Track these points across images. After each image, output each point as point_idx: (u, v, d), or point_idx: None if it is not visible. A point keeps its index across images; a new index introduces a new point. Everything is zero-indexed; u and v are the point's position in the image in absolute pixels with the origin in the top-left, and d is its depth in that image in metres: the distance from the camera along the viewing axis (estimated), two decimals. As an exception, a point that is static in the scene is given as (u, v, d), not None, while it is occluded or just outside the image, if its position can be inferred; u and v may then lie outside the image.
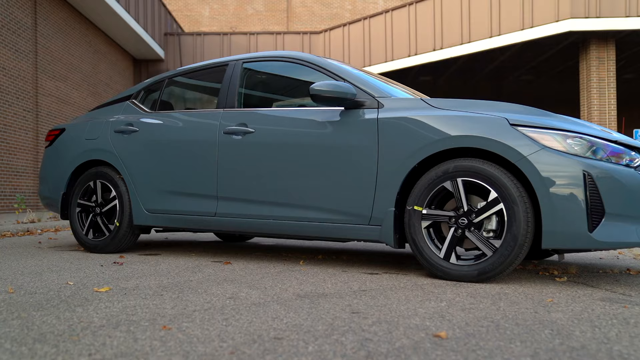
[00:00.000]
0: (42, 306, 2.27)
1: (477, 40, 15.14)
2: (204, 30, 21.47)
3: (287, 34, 18.31)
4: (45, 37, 12.04)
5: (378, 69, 16.98)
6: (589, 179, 2.87)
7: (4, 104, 10.55)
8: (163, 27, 17.83)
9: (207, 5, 23.53)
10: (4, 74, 10.56)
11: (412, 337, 1.83)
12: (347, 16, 23.30)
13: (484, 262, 3.02)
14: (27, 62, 11.36)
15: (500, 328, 1.97)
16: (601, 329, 1.98)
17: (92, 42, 14.50)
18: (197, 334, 1.84)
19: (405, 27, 16.47)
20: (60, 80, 12.74)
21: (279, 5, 23.68)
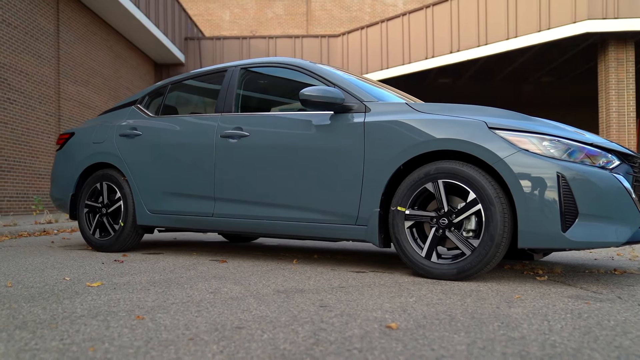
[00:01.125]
0: (33, 298, 2.46)
1: (494, 42, 15.13)
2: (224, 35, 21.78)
3: (306, 38, 18.49)
4: (67, 43, 12.40)
5: (395, 71, 17.07)
6: (563, 180, 2.95)
7: (27, 108, 10.90)
8: (183, 31, 18.15)
9: (227, 9, 23.87)
10: (27, 80, 10.92)
11: (364, 328, 1.95)
12: (366, 19, 23.41)
13: (462, 261, 3.13)
14: (49, 68, 11.71)
15: (454, 321, 2.09)
16: (550, 322, 2.08)
17: (113, 47, 14.85)
18: (166, 323, 1.99)
19: (422, 29, 16.52)
20: (81, 84, 13.09)
21: (298, 9, 23.90)
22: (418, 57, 16.60)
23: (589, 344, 1.78)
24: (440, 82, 20.97)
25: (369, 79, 4.52)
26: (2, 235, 5.83)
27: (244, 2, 23.91)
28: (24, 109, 10.78)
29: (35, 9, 11.20)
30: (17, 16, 10.56)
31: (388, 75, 17.25)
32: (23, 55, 10.77)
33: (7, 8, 10.27)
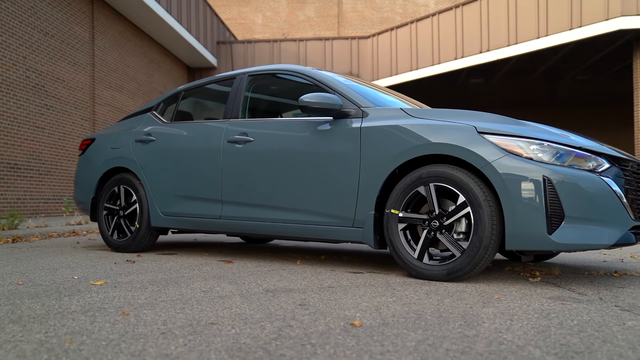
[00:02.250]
0: (37, 295, 2.66)
1: (524, 41, 14.97)
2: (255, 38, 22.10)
3: (336, 40, 18.62)
4: (102, 49, 12.83)
5: (425, 72, 17.06)
6: (549, 183, 3.01)
7: (64, 113, 11.34)
8: (215, 35, 18.51)
9: (260, 13, 24.20)
10: (63, 86, 11.36)
11: (329, 325, 2.08)
12: (397, 20, 23.40)
13: (452, 263, 3.21)
14: (84, 74, 12.15)
15: (420, 319, 2.19)
16: (513, 321, 2.17)
17: (147, 53, 15.27)
18: (147, 319, 2.15)
19: (452, 29, 16.46)
20: (116, 90, 13.52)
21: (329, 11, 24.05)
22: (447, 58, 16.55)
23: (537, 342, 1.86)
24: (471, 82, 20.83)
25: (376, 85, 4.63)
26: (33, 236, 6.14)
27: (275, 5, 24.21)
28: (60, 115, 11.22)
29: (72, 18, 11.64)
30: (53, 25, 11.00)
31: (418, 76, 17.25)
32: (59, 63, 11.21)
33: (44, 18, 10.71)
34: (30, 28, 10.29)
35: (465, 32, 16.14)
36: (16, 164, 9.91)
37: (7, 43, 9.69)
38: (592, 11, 13.73)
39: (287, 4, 24.19)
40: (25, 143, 10.17)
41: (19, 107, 10.00)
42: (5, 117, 9.64)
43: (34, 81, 10.42)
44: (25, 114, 10.17)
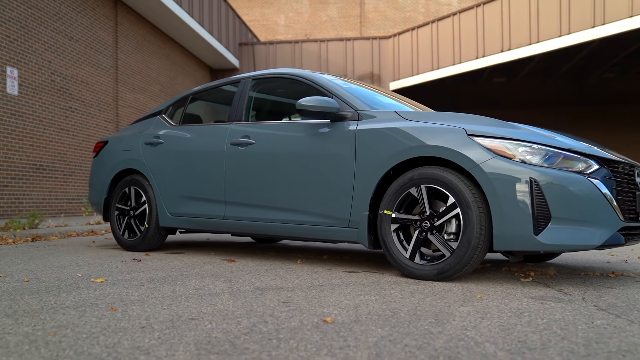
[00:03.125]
0: (37, 292, 2.81)
1: (545, 40, 14.84)
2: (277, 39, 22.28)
3: (357, 40, 18.68)
4: (125, 53, 13.13)
5: (446, 72, 17.00)
6: (535, 185, 3.06)
7: (87, 116, 11.65)
8: (238, 37, 18.73)
9: (282, 14, 24.38)
10: (87, 89, 11.66)
11: (302, 322, 2.17)
12: (420, 19, 23.35)
13: (442, 263, 3.28)
14: (108, 77, 12.45)
15: (393, 317, 2.27)
16: (483, 319, 2.23)
17: (169, 55, 15.55)
18: (132, 314, 2.28)
19: (472, 29, 16.38)
20: (139, 92, 13.81)
21: (352, 11, 24.11)
22: (469, 57, 16.48)
23: (496, 338, 1.93)
24: (494, 81, 20.68)
25: (376, 87, 4.71)
26: (52, 235, 6.36)
27: (298, 6, 24.36)
28: (84, 117, 11.52)
29: (95, 22, 11.94)
30: (78, 30, 11.30)
31: (439, 76, 17.21)
32: (84, 67, 11.52)
33: (69, 23, 11.02)
34: (55, 33, 10.60)
35: (487, 31, 16.06)
36: (42, 165, 10.22)
37: (33, 48, 10.00)
38: (616, 8, 13.54)
39: (310, 4, 24.33)
40: (51, 145, 10.48)
41: (45, 110, 10.31)
42: (31, 120, 9.95)
43: (59, 85, 10.73)
44: (51, 117, 10.48)
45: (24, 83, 9.80)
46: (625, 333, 2.05)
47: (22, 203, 9.74)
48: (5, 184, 9.37)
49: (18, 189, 9.65)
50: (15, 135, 9.57)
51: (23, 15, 9.75)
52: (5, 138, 9.35)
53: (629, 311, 2.47)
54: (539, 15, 14.91)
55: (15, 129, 9.56)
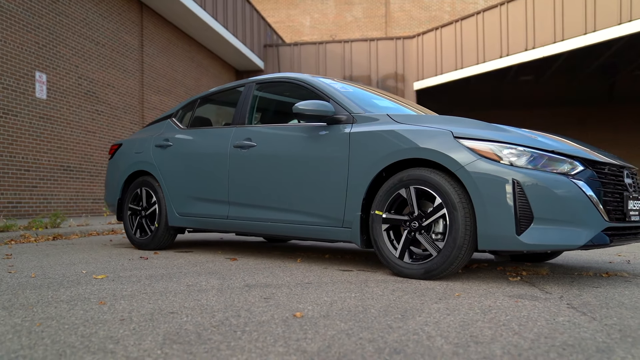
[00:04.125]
0: (39, 287, 3.01)
1: (570, 38, 14.67)
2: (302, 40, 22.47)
3: (381, 40, 18.73)
4: (150, 56, 13.45)
5: (470, 71, 16.94)
6: (518, 186, 3.14)
7: (113, 118, 11.99)
8: (262, 39, 18.97)
9: (308, 15, 24.56)
10: (113, 92, 12.01)
11: (273, 316, 2.30)
12: (446, 18, 23.25)
13: (429, 262, 3.37)
14: (134, 80, 12.78)
15: (363, 313, 2.39)
16: (449, 315, 2.33)
17: (194, 58, 15.85)
18: (117, 308, 2.44)
19: (497, 27, 16.29)
20: (164, 94, 14.13)
21: (377, 11, 24.14)
22: (493, 56, 16.39)
23: (449, 333, 2.03)
24: (521, 80, 20.49)
25: (376, 90, 4.81)
26: (73, 234, 6.63)
27: (323, 7, 24.51)
28: (110, 119, 11.87)
29: (121, 27, 12.28)
30: (104, 35, 11.65)
31: (462, 76, 17.16)
32: (110, 70, 11.86)
33: (96, 29, 11.37)
34: (82, 39, 10.95)
35: (511, 30, 15.95)
36: (69, 166, 10.57)
37: (61, 53, 10.36)
38: (642, 5, 13.32)
39: (335, 5, 24.45)
40: (78, 147, 10.83)
41: (72, 113, 10.67)
42: (59, 123, 10.31)
43: (86, 88, 11.08)
44: (78, 119, 10.83)
45: (52, 87, 10.15)
46: (579, 329, 2.12)
47: (50, 203, 10.09)
48: (35, 185, 9.73)
49: (47, 189, 10.01)
50: (43, 137, 9.93)
51: (51, 22, 10.11)
52: (34, 140, 9.71)
53: (598, 309, 2.54)
54: (564, 13, 14.75)
55: (43, 132, 9.92)
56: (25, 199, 9.51)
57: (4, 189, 9.04)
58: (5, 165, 9.07)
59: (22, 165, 9.42)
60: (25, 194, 9.49)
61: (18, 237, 5.87)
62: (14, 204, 9.23)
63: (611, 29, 13.92)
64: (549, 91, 21.82)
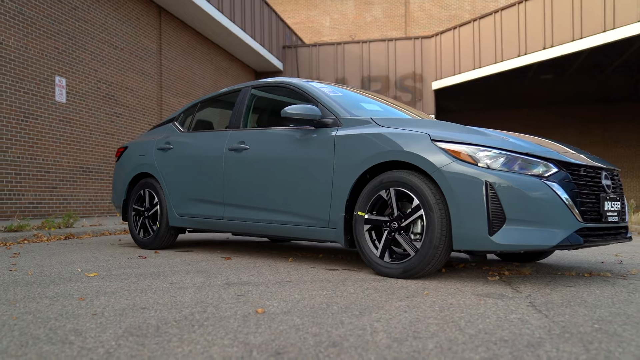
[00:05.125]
0: (31, 284, 3.19)
1: (589, 35, 14.52)
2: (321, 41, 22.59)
3: (399, 40, 18.75)
4: (169, 59, 13.73)
5: (487, 70, 16.87)
6: (491, 188, 3.22)
7: (132, 120, 12.28)
8: (281, 40, 19.15)
9: (327, 15, 24.69)
10: (132, 95, 12.30)
11: (237, 312, 2.44)
12: (466, 17, 23.14)
13: (407, 262, 3.48)
14: (152, 83, 13.07)
15: (323, 309, 2.51)
16: (406, 313, 2.44)
17: (213, 60, 16.11)
18: (95, 304, 2.60)
19: (514, 26, 16.20)
20: (182, 97, 14.40)
21: (396, 11, 24.15)
22: (511, 55, 16.30)
23: (395, 329, 2.14)
24: (542, 78, 20.31)
25: (369, 93, 4.92)
26: (86, 233, 6.87)
27: (343, 7, 24.61)
28: (128, 121, 12.16)
29: (140, 32, 12.57)
30: (123, 39, 11.95)
31: (480, 75, 17.09)
32: (128, 74, 12.16)
33: (114, 33, 11.67)
34: (101, 43, 11.25)
35: (529, 28, 15.85)
36: (88, 167, 10.88)
37: (80, 58, 10.66)
38: (661, 1, 13.13)
39: (354, 5, 24.54)
40: (97, 149, 11.13)
41: (91, 115, 10.97)
42: (79, 126, 10.62)
43: (105, 91, 11.38)
44: (97, 122, 11.13)
45: (72, 91, 10.46)
46: (524, 326, 2.21)
47: (70, 203, 10.41)
48: (54, 186, 10.05)
49: (66, 190, 10.32)
50: (63, 140, 10.24)
51: (71, 28, 10.42)
52: (54, 143, 10.02)
53: (556, 307, 2.62)
54: (582, 11, 14.61)
55: (63, 134, 10.23)
56: (46, 199, 9.83)
57: (25, 190, 9.36)
58: (26, 167, 9.39)
59: (42, 167, 9.74)
60: (45, 194, 9.81)
61: (31, 237, 6.12)
62: (34, 204, 9.55)
63: (630, 26, 13.74)
64: (571, 89, 21.57)
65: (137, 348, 1.86)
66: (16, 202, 9.17)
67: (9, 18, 9.06)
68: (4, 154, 8.93)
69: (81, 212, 10.63)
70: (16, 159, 9.18)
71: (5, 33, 8.96)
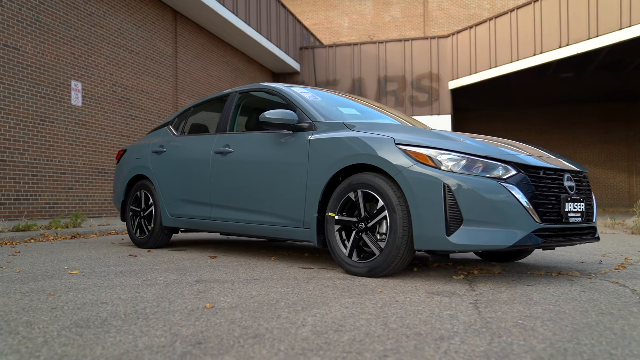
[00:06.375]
0: (13, 281, 3.42)
1: (605, 33, 14.38)
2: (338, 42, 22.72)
3: (415, 40, 18.79)
4: (184, 62, 14.03)
5: (503, 70, 16.81)
6: (448, 190, 3.34)
7: (147, 122, 12.60)
8: (298, 41, 19.34)
9: (346, 16, 24.81)
10: (147, 97, 12.62)
11: (186, 307, 2.61)
12: (485, 15, 23.03)
13: (372, 261, 3.62)
14: (168, 86, 13.38)
15: (269, 305, 2.66)
16: (347, 309, 2.58)
17: (230, 62, 16.38)
18: (61, 299, 2.80)
19: (530, 25, 16.11)
20: (198, 98, 14.68)
21: (415, 11, 24.15)
22: (526, 54, 16.22)
23: (322, 323, 2.28)
24: (561, 77, 20.10)
25: (354, 97, 5.06)
26: (93, 233, 7.15)
27: (361, 8, 24.71)
28: (144, 124, 12.48)
29: (155, 35, 12.89)
30: (138, 44, 12.27)
31: (496, 74, 17.04)
32: (144, 77, 12.48)
33: (130, 38, 12.00)
34: (117, 48, 11.59)
35: (544, 27, 15.75)
36: (103, 169, 11.21)
37: (95, 62, 11.01)
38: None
39: (373, 5, 24.61)
40: (112, 150, 11.47)
41: (106, 118, 11.31)
42: (94, 128, 10.96)
43: (120, 95, 11.71)
44: (112, 124, 11.47)
45: (87, 95, 10.81)
46: (450, 321, 2.34)
47: (86, 204, 10.75)
48: (70, 187, 10.40)
49: (82, 191, 10.67)
50: (79, 142, 10.59)
51: (87, 34, 10.76)
52: (70, 145, 10.37)
53: (496, 305, 2.73)
54: (598, 9, 14.47)
55: (79, 137, 10.58)
56: (62, 199, 10.18)
57: (42, 190, 9.72)
58: (43, 168, 9.75)
59: (58, 168, 10.10)
60: (61, 195, 10.16)
61: (38, 236, 6.40)
62: (50, 205, 9.91)
63: (647, 23, 13.58)
64: (593, 88, 21.31)
65: (73, 338, 2.04)
66: (33, 202, 9.53)
67: (26, 26, 9.42)
68: (21, 156, 9.29)
69: (97, 212, 10.97)
70: (33, 161, 9.54)
71: (22, 40, 9.32)
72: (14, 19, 9.19)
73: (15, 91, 9.20)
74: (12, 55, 9.15)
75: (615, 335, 2.14)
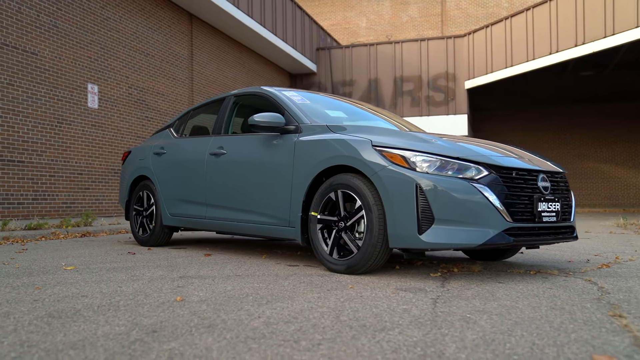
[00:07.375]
0: (8, 276, 3.63)
1: (621, 32, 14.25)
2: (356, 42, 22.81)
3: (432, 40, 18.80)
4: (200, 64, 14.30)
5: (519, 69, 16.75)
6: (420, 190, 3.46)
7: (163, 124, 12.87)
8: (315, 42, 19.50)
9: (364, 16, 24.90)
10: (163, 100, 12.90)
11: (160, 300, 2.78)
12: (503, 14, 22.90)
13: (351, 259, 3.76)
14: (183, 88, 13.65)
15: (238, 299, 2.82)
16: (309, 303, 2.72)
17: (245, 63, 16.61)
18: (46, 292, 3.00)
19: (546, 24, 16.02)
20: (214, 100, 14.93)
21: (433, 10, 24.12)
22: (542, 53, 16.13)
23: (279, 316, 2.43)
24: (581, 75, 19.91)
25: (347, 99, 5.19)
26: (102, 232, 7.40)
27: (379, 8, 24.77)
28: (160, 125, 12.76)
29: (171, 39, 13.17)
30: (154, 47, 12.56)
31: (512, 73, 16.97)
32: (159, 79, 12.76)
33: (145, 41, 12.29)
34: (132, 51, 11.88)
35: (560, 26, 15.65)
36: (119, 169, 11.51)
37: (112, 66, 11.31)
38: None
39: (391, 6, 24.66)
40: (128, 151, 11.76)
41: (122, 120, 11.61)
42: (110, 130, 11.27)
43: (136, 97, 12.00)
44: (128, 126, 11.77)
45: (104, 97, 11.11)
46: (402, 314, 2.46)
47: (102, 203, 11.06)
48: (87, 187, 10.71)
49: (98, 191, 10.98)
50: (95, 143, 10.90)
51: (103, 38, 11.07)
52: (87, 146, 10.69)
53: (456, 301, 2.84)
54: (614, 7, 14.35)
55: (95, 138, 10.89)
56: (79, 199, 10.50)
57: (59, 190, 10.04)
58: (60, 169, 10.07)
59: (75, 169, 10.41)
60: (78, 195, 10.47)
61: (49, 235, 6.67)
62: (67, 204, 10.22)
63: (664, 21, 13.43)
64: (614, 85, 21.05)
65: (41, 326, 2.22)
66: (50, 202, 9.85)
67: (44, 31, 9.74)
68: (39, 157, 9.62)
69: (113, 212, 11.27)
70: (50, 162, 9.86)
71: (40, 45, 9.65)
72: (32, 25, 9.51)
73: (34, 94, 9.53)
74: (31, 60, 9.47)
75: (550, 328, 2.25)
